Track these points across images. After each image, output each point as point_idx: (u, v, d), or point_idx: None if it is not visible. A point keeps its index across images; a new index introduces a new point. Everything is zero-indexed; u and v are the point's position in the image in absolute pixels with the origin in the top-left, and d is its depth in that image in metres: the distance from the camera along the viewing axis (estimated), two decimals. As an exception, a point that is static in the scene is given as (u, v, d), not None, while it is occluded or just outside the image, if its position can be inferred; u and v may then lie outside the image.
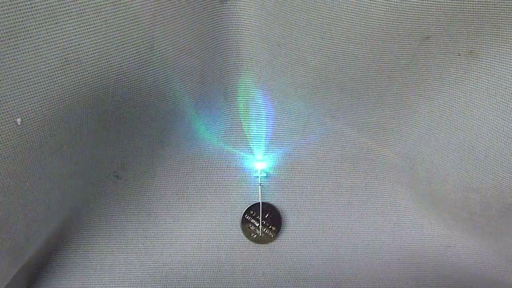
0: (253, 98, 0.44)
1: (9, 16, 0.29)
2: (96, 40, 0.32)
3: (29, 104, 0.32)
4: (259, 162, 0.46)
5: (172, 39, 0.36)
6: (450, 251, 0.46)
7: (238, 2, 0.39)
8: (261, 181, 0.46)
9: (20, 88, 0.31)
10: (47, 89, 0.32)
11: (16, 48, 0.30)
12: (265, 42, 0.40)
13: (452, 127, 0.41)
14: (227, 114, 0.45)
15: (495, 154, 0.38)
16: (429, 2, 0.34)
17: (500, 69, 0.37)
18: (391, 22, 0.35)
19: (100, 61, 0.33)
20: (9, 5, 0.29)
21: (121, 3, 0.32)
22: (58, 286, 0.45)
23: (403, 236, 0.47)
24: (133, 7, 0.33)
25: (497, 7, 0.34)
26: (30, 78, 0.31)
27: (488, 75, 0.37)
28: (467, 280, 0.46)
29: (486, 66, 0.37)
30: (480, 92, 0.38)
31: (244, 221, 0.46)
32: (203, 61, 0.40)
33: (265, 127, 0.45)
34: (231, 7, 0.39)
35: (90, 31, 0.32)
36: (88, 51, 0.32)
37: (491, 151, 0.39)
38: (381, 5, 0.34)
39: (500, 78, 0.37)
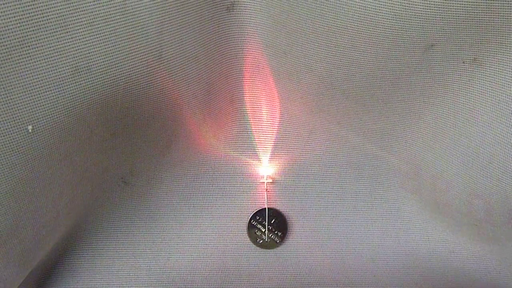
0: (259, 105, 0.45)
1: (22, 26, 0.29)
2: (105, 48, 0.33)
3: (40, 112, 0.32)
4: (265, 168, 0.46)
5: (179, 47, 0.36)
6: (454, 256, 0.46)
7: (244, 10, 0.39)
8: (267, 187, 0.46)
9: (32, 96, 0.31)
10: (58, 97, 0.32)
11: (28, 56, 0.30)
12: (271, 49, 0.40)
13: (456, 134, 0.41)
14: (233, 120, 0.45)
15: (499, 160, 0.38)
16: (433, 10, 0.34)
17: (504, 76, 0.37)
18: (396, 30, 0.35)
19: (109, 69, 0.33)
20: (22, 15, 0.29)
21: (129, 13, 0.32)
22: (67, 291, 0.45)
23: (407, 241, 0.47)
24: (141, 16, 0.33)
25: (501, 15, 0.35)
26: (41, 86, 0.31)
27: (492, 82, 0.38)
28: (471, 286, 0.46)
29: (490, 74, 0.37)
30: (484, 99, 0.38)
31: (250, 227, 0.46)
32: (210, 69, 0.40)
33: (271, 133, 0.45)
34: (238, 15, 0.39)
35: (100, 40, 0.32)
36: (98, 60, 0.33)
37: (495, 157, 0.39)
38: (386, 13, 0.34)
39: (504, 86, 0.37)
